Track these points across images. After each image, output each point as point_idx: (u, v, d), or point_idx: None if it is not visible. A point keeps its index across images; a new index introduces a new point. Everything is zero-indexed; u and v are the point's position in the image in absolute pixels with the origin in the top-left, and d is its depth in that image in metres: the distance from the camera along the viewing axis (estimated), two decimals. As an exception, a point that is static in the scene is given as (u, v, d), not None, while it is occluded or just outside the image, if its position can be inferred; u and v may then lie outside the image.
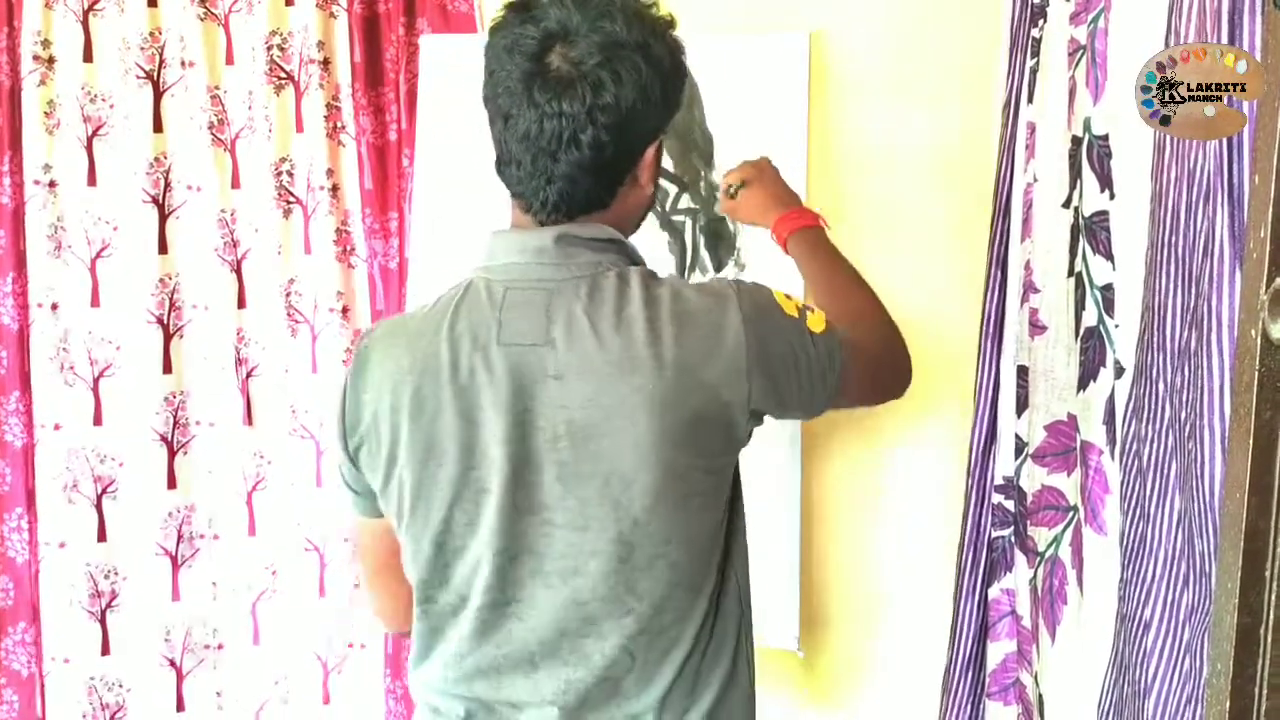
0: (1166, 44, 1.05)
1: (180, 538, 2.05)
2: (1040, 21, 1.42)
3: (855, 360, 1.09)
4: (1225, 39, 0.90)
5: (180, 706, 2.07)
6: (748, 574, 1.13)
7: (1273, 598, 0.70)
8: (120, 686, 2.06)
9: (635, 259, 1.05)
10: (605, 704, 1.03)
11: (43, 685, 2.04)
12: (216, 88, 1.96)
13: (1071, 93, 1.31)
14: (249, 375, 2.02)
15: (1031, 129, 1.45)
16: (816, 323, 1.04)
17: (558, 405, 0.96)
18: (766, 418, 1.07)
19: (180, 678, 2.07)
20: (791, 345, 1.02)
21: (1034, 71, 1.45)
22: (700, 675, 1.06)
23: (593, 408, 0.95)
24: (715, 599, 1.06)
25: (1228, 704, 0.73)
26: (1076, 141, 1.29)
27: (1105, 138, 1.21)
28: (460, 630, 1.04)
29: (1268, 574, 0.71)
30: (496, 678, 1.04)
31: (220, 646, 2.07)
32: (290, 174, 1.97)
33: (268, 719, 2.08)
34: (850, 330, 1.11)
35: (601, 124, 0.95)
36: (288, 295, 1.99)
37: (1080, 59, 1.28)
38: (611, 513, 0.97)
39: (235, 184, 1.99)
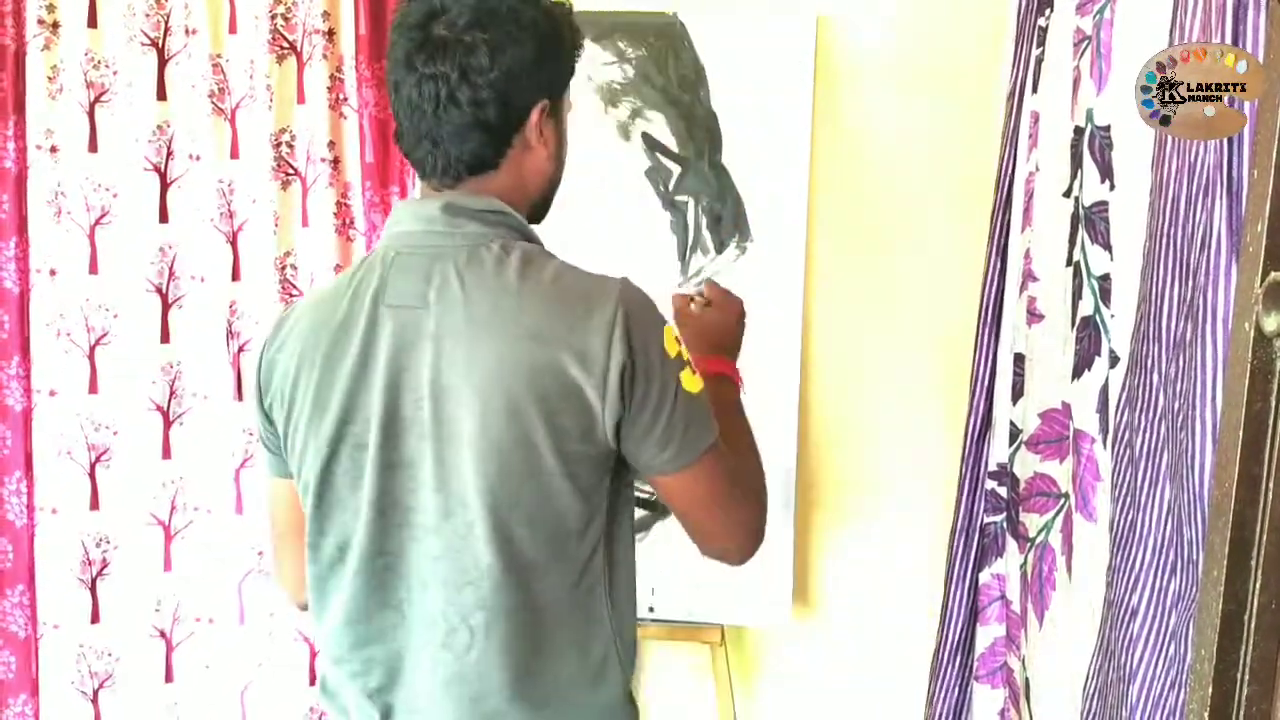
0: (1171, 37, 1.05)
1: (174, 508, 2.05)
2: (1047, 11, 1.42)
3: (719, 463, 1.05)
4: (1229, 33, 0.91)
5: (169, 677, 2.08)
6: (631, 603, 1.11)
7: (1257, 586, 0.72)
8: (109, 655, 2.07)
9: (528, 235, 1.07)
10: (458, 678, 1.03)
11: (37, 648, 2.06)
12: (218, 56, 1.96)
13: (1075, 83, 1.31)
14: (241, 349, 2.02)
15: (1035, 118, 1.45)
16: (691, 381, 1.03)
17: (424, 365, 1.00)
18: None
19: (170, 648, 2.08)
20: (659, 369, 1.00)
21: (1039, 61, 1.45)
22: (551, 683, 1.04)
23: (451, 371, 0.99)
24: (582, 606, 1.05)
25: (1210, 690, 0.74)
26: (1078, 132, 1.29)
27: (1107, 129, 1.21)
28: (344, 586, 1.07)
29: (1253, 563, 0.72)
30: (381, 635, 1.07)
31: (211, 621, 2.07)
32: (290, 145, 1.97)
33: (252, 699, 2.08)
34: (730, 458, 1.09)
35: (476, 83, 1.00)
36: (283, 268, 1.99)
37: (1085, 49, 1.29)
38: (456, 474, 1.00)
39: (234, 154, 1.98)
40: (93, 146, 1.97)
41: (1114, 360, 1.18)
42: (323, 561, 1.08)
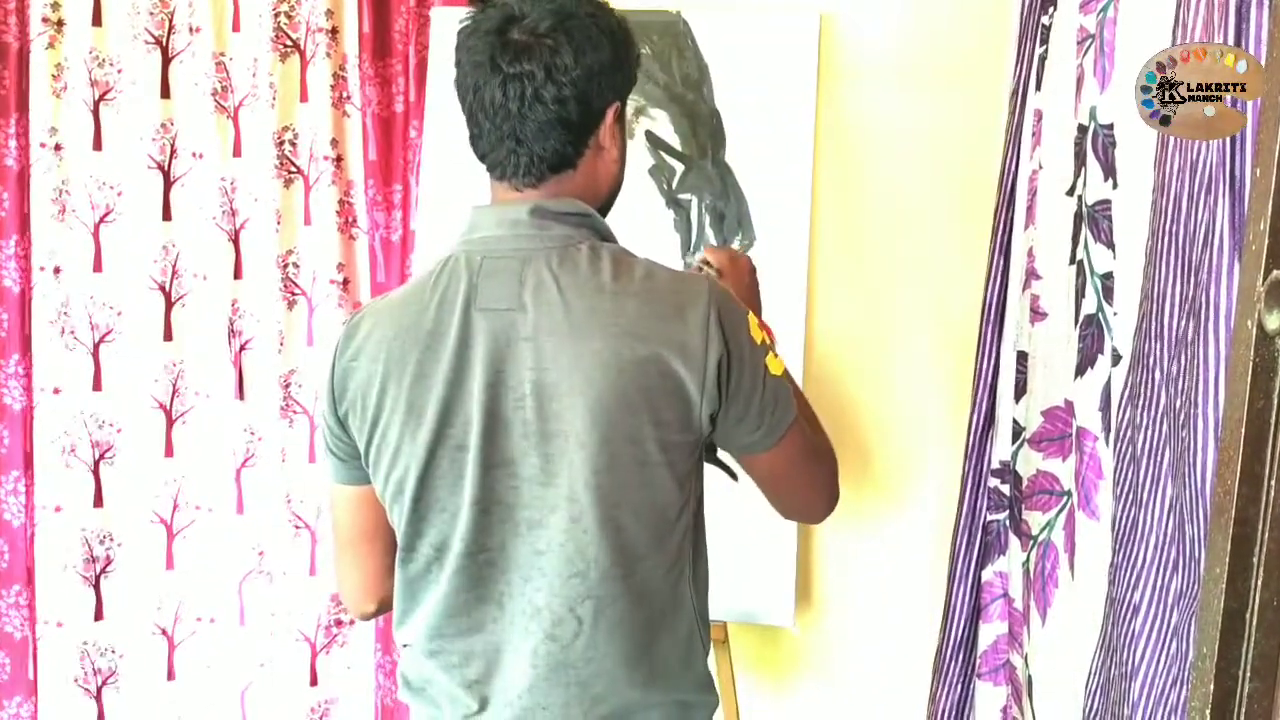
0: (1174, 35, 1.05)
1: (176, 507, 2.06)
2: (1050, 9, 1.42)
3: (800, 436, 1.12)
4: (1232, 32, 0.91)
5: (171, 675, 2.09)
6: (707, 585, 1.17)
7: (1258, 583, 0.72)
8: (113, 652, 2.07)
9: (607, 236, 1.11)
10: (563, 665, 1.06)
11: (35, 648, 2.06)
12: (221, 54, 1.96)
13: (1079, 81, 1.31)
14: (243, 348, 2.02)
15: (1039, 116, 1.45)
16: (775, 365, 1.09)
17: (526, 366, 1.02)
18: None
19: (172, 647, 2.08)
20: (750, 358, 1.05)
21: (1042, 59, 1.45)
22: (654, 662, 1.09)
23: (553, 370, 1.01)
24: (673, 589, 1.10)
25: (1212, 686, 0.74)
26: (1082, 130, 1.29)
27: (1110, 127, 1.21)
28: (440, 583, 1.09)
29: (1255, 560, 0.72)
30: (480, 628, 1.09)
31: (212, 620, 2.07)
32: (292, 143, 1.97)
33: (253, 699, 2.08)
34: (807, 429, 1.15)
35: (560, 81, 1.03)
36: (284, 267, 1.99)
37: (1089, 47, 1.29)
38: (567, 470, 1.02)
39: (237, 152, 1.98)
40: (97, 144, 1.98)
41: (1116, 358, 1.18)
42: (418, 563, 1.10)
